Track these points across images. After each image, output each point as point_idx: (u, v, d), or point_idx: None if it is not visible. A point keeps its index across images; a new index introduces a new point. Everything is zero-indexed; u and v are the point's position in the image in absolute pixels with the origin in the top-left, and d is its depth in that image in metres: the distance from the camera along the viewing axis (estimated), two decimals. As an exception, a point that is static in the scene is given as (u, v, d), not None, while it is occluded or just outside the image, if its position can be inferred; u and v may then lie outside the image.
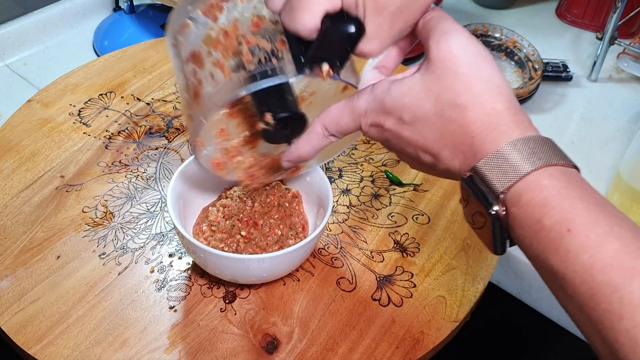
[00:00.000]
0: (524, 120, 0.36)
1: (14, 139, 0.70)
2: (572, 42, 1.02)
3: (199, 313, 0.54)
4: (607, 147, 0.80)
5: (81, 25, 0.96)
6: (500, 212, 0.35)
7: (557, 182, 0.33)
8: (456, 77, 0.36)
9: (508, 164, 0.34)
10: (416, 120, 0.38)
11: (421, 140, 0.38)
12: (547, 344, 0.73)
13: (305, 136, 0.45)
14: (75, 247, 0.59)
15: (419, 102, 0.37)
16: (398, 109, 0.38)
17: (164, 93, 0.79)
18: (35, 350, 0.50)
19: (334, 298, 0.56)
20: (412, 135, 0.39)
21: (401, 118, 0.39)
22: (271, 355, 0.51)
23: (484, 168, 0.35)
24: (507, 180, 0.34)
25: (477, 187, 0.36)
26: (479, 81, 0.36)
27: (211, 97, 0.44)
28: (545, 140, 0.35)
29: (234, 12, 0.45)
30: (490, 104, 0.36)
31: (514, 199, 0.34)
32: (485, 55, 0.37)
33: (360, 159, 0.71)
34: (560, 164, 0.34)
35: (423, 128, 0.38)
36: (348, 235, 0.62)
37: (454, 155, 0.37)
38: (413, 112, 0.38)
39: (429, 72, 0.37)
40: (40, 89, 0.78)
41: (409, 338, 0.53)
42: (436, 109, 0.37)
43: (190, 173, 0.58)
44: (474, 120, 0.36)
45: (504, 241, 0.36)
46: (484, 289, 0.58)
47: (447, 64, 0.36)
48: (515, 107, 0.37)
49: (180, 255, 0.59)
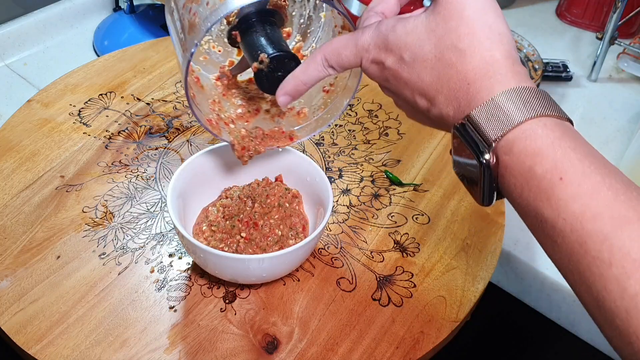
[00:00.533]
0: (521, 71, 0.36)
1: (14, 139, 0.70)
2: (572, 42, 1.02)
3: (199, 313, 0.54)
4: (607, 147, 0.80)
5: (81, 25, 0.96)
6: (492, 161, 0.35)
7: (550, 132, 0.34)
8: (461, 20, 0.36)
9: (502, 113, 0.34)
10: (416, 61, 0.38)
11: (419, 82, 0.38)
12: (547, 344, 0.73)
13: (304, 64, 0.45)
14: (75, 247, 0.59)
15: (420, 42, 0.38)
16: (400, 47, 0.38)
17: (164, 93, 0.79)
18: (35, 350, 0.50)
19: (334, 298, 0.56)
20: (410, 76, 0.39)
21: (402, 57, 0.39)
22: (271, 355, 0.51)
23: (477, 116, 0.35)
24: (501, 129, 0.34)
25: (470, 135, 0.36)
26: (482, 26, 0.36)
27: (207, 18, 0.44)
28: (541, 92, 0.35)
29: None
30: (490, 52, 0.36)
31: (506, 147, 0.34)
32: (492, 3, 0.37)
33: (360, 159, 0.71)
34: (555, 115, 0.34)
35: (422, 69, 0.38)
36: (348, 235, 0.62)
37: (449, 100, 0.37)
38: (414, 51, 0.38)
39: (435, 13, 0.37)
40: (40, 89, 0.78)
41: (409, 338, 0.53)
42: (436, 50, 0.37)
43: (190, 173, 0.58)
44: (472, 67, 0.36)
45: (492, 192, 0.36)
46: (484, 289, 0.58)
47: (454, 6, 0.36)
48: (514, 57, 0.37)
49: (180, 255, 0.59)
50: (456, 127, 0.37)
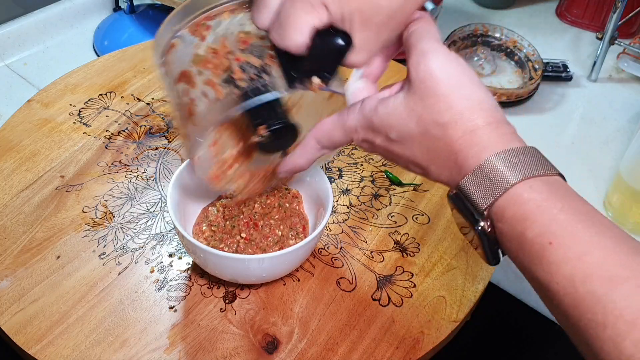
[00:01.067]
0: (507, 132, 0.37)
1: (14, 139, 0.70)
2: (572, 42, 1.02)
3: (199, 313, 0.54)
4: (607, 147, 0.80)
5: (81, 25, 0.96)
6: (486, 228, 0.35)
7: (537, 195, 0.34)
8: (437, 98, 0.37)
9: (489, 180, 0.35)
10: (403, 139, 0.39)
11: (410, 156, 0.40)
12: (547, 344, 0.72)
13: (300, 149, 0.46)
14: (75, 247, 0.59)
15: (403, 122, 0.38)
16: (385, 128, 0.39)
17: (164, 93, 0.78)
18: (35, 350, 0.50)
19: (334, 298, 0.56)
20: (402, 151, 0.40)
21: (388, 136, 0.40)
22: (271, 355, 0.51)
23: (467, 185, 0.36)
24: (489, 197, 0.35)
25: (463, 204, 0.37)
26: (460, 99, 0.37)
27: (206, 116, 0.44)
28: (527, 150, 0.36)
29: (219, 29, 0.46)
30: (471, 121, 0.36)
31: (499, 214, 0.35)
32: (465, 72, 0.37)
33: (360, 159, 0.71)
34: (542, 174, 0.35)
35: (411, 145, 0.39)
36: (348, 235, 0.62)
37: (441, 170, 0.38)
38: (399, 131, 0.39)
39: (411, 93, 0.38)
40: (40, 89, 0.78)
41: (409, 338, 0.53)
42: (420, 128, 0.38)
43: (190, 173, 0.58)
44: (456, 138, 0.36)
45: (495, 253, 0.37)
46: (484, 289, 0.58)
47: (427, 84, 0.37)
48: (497, 120, 0.37)
49: (180, 255, 0.59)
50: (450, 196, 0.38)
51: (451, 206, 0.38)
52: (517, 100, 0.84)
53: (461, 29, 0.93)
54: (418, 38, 0.38)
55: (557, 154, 0.80)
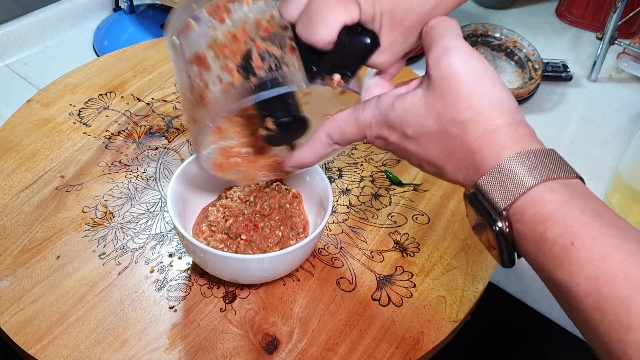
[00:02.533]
0: (526, 134, 0.36)
1: (14, 139, 0.70)
2: (572, 42, 1.02)
3: (199, 313, 0.54)
4: (607, 147, 0.80)
5: (81, 25, 0.96)
6: (505, 229, 0.35)
7: (559, 196, 0.33)
8: (457, 96, 0.36)
9: (509, 180, 0.34)
10: (419, 136, 0.38)
11: (425, 154, 0.39)
12: (547, 344, 0.73)
13: (310, 144, 0.45)
14: (75, 247, 0.59)
15: (421, 119, 0.38)
16: (401, 124, 0.39)
17: (164, 93, 0.79)
18: (35, 350, 0.50)
19: (334, 298, 0.56)
20: (417, 149, 0.39)
21: (405, 133, 0.39)
22: (271, 355, 0.51)
23: (485, 184, 0.35)
24: (509, 197, 0.34)
25: (480, 203, 0.36)
26: (480, 98, 0.36)
27: (219, 102, 0.43)
28: (547, 152, 0.35)
29: (240, 13, 0.45)
30: (491, 121, 0.36)
31: (517, 215, 0.34)
32: (486, 71, 0.37)
33: (360, 159, 0.71)
34: (562, 176, 0.34)
35: (427, 143, 0.38)
36: (348, 235, 0.62)
37: (458, 169, 0.38)
38: (416, 128, 0.38)
39: (431, 90, 0.37)
40: (40, 89, 0.78)
41: (409, 338, 0.53)
42: (438, 125, 0.37)
43: (190, 173, 0.58)
44: (475, 137, 0.36)
45: (511, 255, 0.36)
46: (484, 289, 0.58)
47: (449, 82, 0.36)
48: (517, 121, 0.36)
49: (180, 255, 0.59)
50: (467, 196, 0.37)
51: (467, 206, 0.38)
52: (517, 100, 0.84)
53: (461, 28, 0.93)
54: (440, 34, 0.38)
55: (557, 154, 0.80)
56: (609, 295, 0.30)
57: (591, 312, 0.31)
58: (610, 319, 0.30)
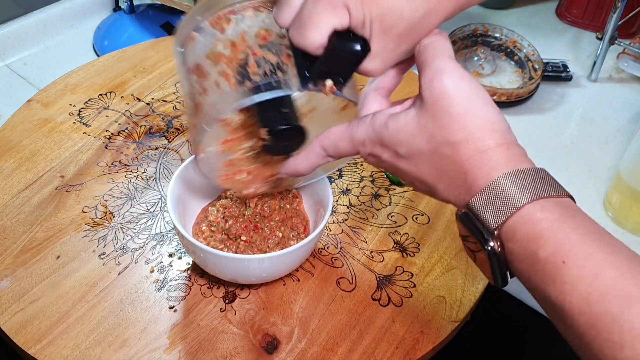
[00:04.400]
0: (517, 153, 0.37)
1: (14, 139, 0.70)
2: (572, 42, 1.02)
3: (198, 313, 0.54)
4: (607, 147, 0.80)
5: (81, 25, 0.96)
6: (497, 248, 0.35)
7: (549, 214, 0.34)
8: (450, 117, 0.37)
9: (500, 199, 0.35)
10: (412, 155, 0.39)
11: (417, 173, 0.39)
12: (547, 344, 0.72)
13: (304, 153, 0.46)
14: (75, 247, 0.59)
15: (413, 139, 0.38)
16: (394, 143, 0.39)
17: (164, 93, 0.79)
18: (35, 350, 0.50)
19: (333, 298, 0.56)
20: (409, 168, 0.40)
21: (397, 152, 0.39)
22: (271, 355, 0.51)
23: (477, 204, 0.36)
24: (500, 216, 0.35)
25: (472, 223, 0.36)
26: (472, 119, 0.36)
27: (215, 105, 0.44)
28: (537, 171, 0.36)
29: (242, 24, 0.46)
30: (482, 141, 0.36)
31: (509, 234, 0.35)
32: (478, 92, 0.37)
33: (360, 159, 0.71)
34: (553, 195, 0.34)
35: (419, 162, 0.39)
36: (348, 235, 0.62)
37: (449, 189, 0.38)
38: (408, 147, 0.39)
39: (423, 110, 0.38)
40: (40, 89, 0.78)
41: (409, 338, 0.53)
42: (430, 145, 0.38)
43: (190, 173, 0.58)
44: (466, 157, 0.36)
45: (503, 274, 0.37)
46: (484, 289, 0.58)
47: (441, 103, 0.37)
48: (508, 141, 0.37)
49: (180, 255, 0.59)
50: (459, 216, 0.37)
51: (459, 226, 0.38)
52: (517, 100, 0.84)
53: (461, 29, 0.93)
54: (432, 55, 0.38)
55: (557, 154, 0.80)
56: (601, 312, 0.30)
57: (585, 330, 0.31)
58: (604, 337, 0.30)
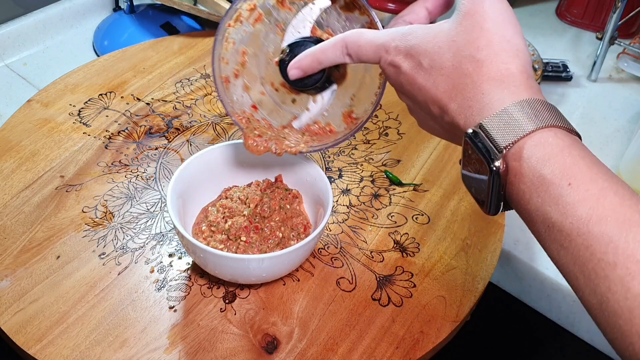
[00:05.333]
0: (534, 86, 0.37)
1: (14, 139, 0.70)
2: (572, 42, 1.02)
3: (198, 313, 0.54)
4: (607, 147, 0.80)
5: (81, 25, 0.96)
6: (502, 168, 0.36)
7: (560, 140, 0.35)
8: (481, 32, 0.37)
9: (514, 121, 0.35)
10: (433, 69, 0.39)
11: (433, 90, 0.39)
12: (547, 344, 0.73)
13: (324, 45, 0.46)
14: (75, 247, 0.59)
15: (440, 51, 0.38)
16: (419, 52, 0.39)
17: (163, 93, 0.79)
18: (35, 350, 0.50)
19: (333, 298, 0.56)
20: (426, 82, 0.40)
21: (420, 63, 0.39)
22: (271, 355, 0.51)
23: (489, 124, 0.36)
24: (512, 136, 0.35)
25: (481, 142, 0.36)
26: (501, 40, 0.37)
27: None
28: (552, 106, 0.37)
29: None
30: (506, 65, 0.37)
31: (516, 154, 0.35)
32: (512, 19, 0.38)
33: (360, 159, 0.71)
34: (565, 127, 0.36)
35: (438, 77, 0.39)
36: (348, 235, 0.62)
37: (461, 109, 0.38)
38: (432, 58, 0.39)
39: (456, 24, 0.38)
40: (40, 89, 0.78)
41: (409, 338, 0.53)
42: (454, 59, 0.38)
43: (190, 173, 0.58)
44: (487, 78, 0.37)
45: (499, 201, 0.37)
46: (484, 289, 0.58)
47: (476, 18, 0.37)
48: (528, 72, 0.38)
49: (180, 255, 0.59)
50: (467, 135, 0.37)
51: (465, 146, 0.38)
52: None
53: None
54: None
55: (557, 154, 0.80)
56: (599, 233, 0.31)
57: (581, 251, 0.32)
58: (599, 257, 0.31)
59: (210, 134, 0.73)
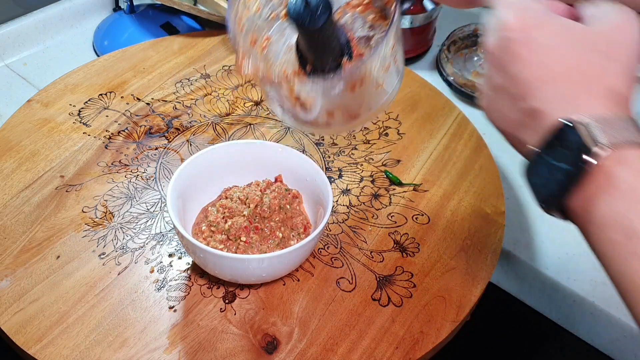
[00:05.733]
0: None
1: (14, 139, 0.70)
2: None
3: (198, 313, 0.54)
4: (607, 147, 0.80)
5: (81, 25, 0.96)
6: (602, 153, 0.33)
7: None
8: (621, 46, 0.36)
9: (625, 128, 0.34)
10: (549, 45, 0.36)
11: (534, 65, 0.36)
12: (547, 344, 0.73)
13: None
14: (75, 247, 0.59)
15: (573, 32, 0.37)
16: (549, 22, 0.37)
17: (163, 93, 0.79)
18: (35, 350, 0.50)
19: (333, 298, 0.56)
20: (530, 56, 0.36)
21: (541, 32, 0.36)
22: (271, 355, 0.51)
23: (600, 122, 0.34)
24: (618, 138, 0.33)
25: (577, 134, 0.34)
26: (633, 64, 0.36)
27: None
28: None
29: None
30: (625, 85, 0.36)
31: (615, 159, 0.33)
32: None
33: (360, 159, 0.71)
34: None
35: (550, 55, 0.36)
36: (348, 235, 0.62)
37: (561, 96, 0.35)
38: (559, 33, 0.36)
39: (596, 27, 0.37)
40: (40, 89, 0.78)
41: (408, 338, 0.53)
42: (583, 48, 0.36)
43: (190, 173, 0.58)
44: (615, 82, 0.36)
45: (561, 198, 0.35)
46: (484, 289, 0.58)
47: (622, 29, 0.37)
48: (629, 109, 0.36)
49: (180, 255, 0.59)
50: (566, 123, 0.35)
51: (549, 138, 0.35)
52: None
53: (461, 29, 0.93)
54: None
55: (557, 154, 0.80)
56: None
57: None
58: None
59: (210, 134, 0.73)
